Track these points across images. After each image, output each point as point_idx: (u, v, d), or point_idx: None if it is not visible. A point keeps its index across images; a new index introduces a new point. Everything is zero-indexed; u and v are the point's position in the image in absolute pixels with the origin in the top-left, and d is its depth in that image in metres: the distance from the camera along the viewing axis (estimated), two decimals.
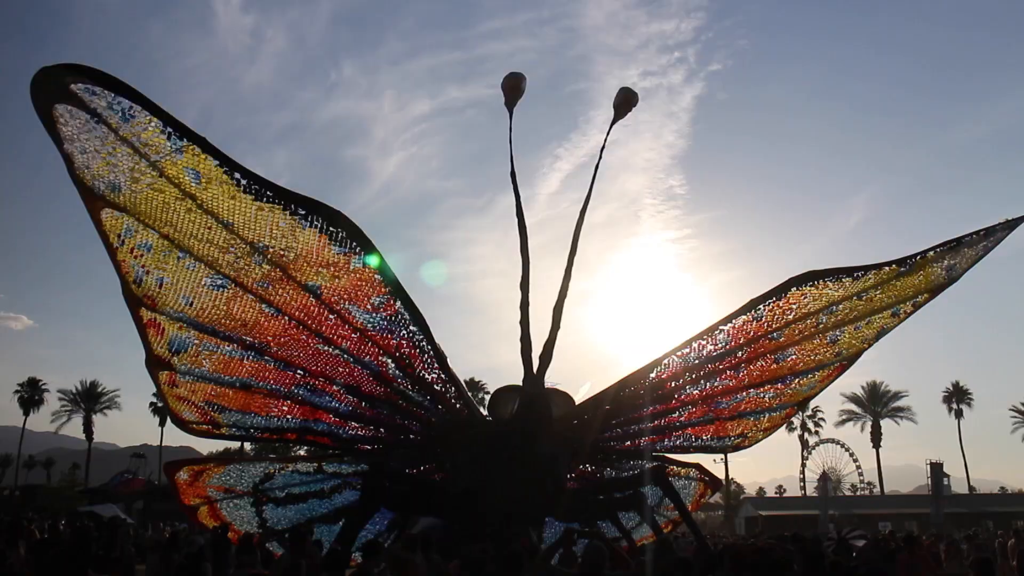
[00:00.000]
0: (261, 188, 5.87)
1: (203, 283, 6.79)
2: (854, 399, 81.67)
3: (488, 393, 8.86)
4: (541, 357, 7.41)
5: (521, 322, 7.29)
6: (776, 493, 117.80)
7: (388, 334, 7.19)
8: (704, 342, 7.52)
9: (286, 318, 7.04)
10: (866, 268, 7.13)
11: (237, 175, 5.74)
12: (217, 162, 5.69)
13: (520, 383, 7.69)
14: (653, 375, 7.72)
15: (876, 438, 79.01)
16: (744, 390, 8.39)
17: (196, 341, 7.28)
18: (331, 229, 6.33)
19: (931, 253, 7.28)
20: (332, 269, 6.64)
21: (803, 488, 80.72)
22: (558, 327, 7.30)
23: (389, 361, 7.44)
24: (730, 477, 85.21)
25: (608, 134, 7.69)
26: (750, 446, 9.38)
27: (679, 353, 7.63)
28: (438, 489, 8.84)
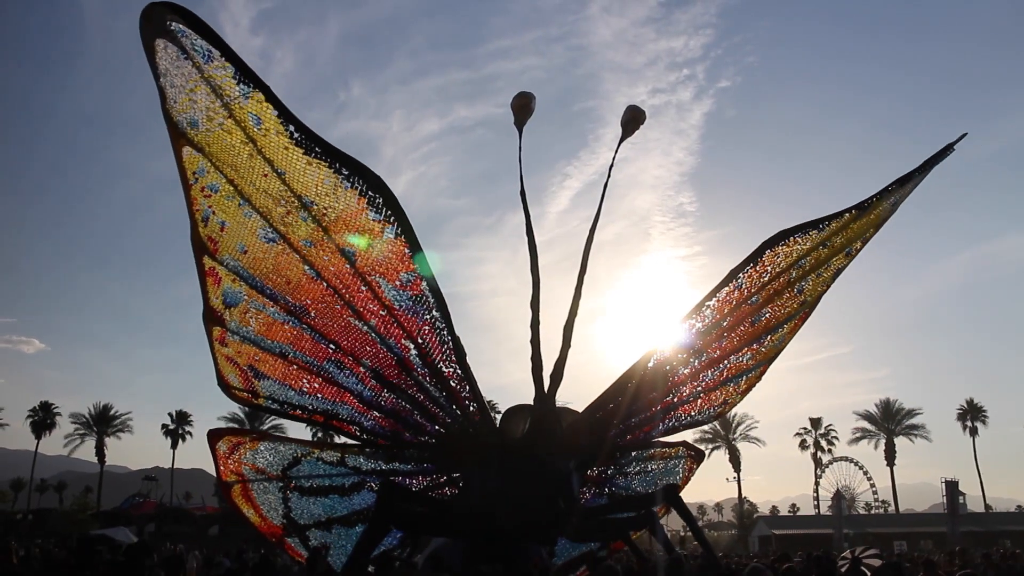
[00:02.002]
0: (311, 143, 6.09)
1: (257, 233, 6.89)
2: (867, 417, 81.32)
3: (499, 412, 8.84)
4: (552, 376, 7.39)
5: (532, 341, 7.28)
6: (790, 512, 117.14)
7: (413, 315, 7.21)
8: (693, 321, 7.58)
9: (324, 283, 7.13)
10: (829, 218, 7.38)
11: (291, 127, 6.00)
12: (276, 112, 5.95)
13: (531, 402, 7.66)
14: (651, 364, 7.74)
15: (890, 456, 78.53)
16: (726, 358, 8.46)
17: (246, 297, 7.42)
18: (370, 193, 6.46)
19: (886, 191, 7.54)
20: (368, 236, 6.73)
21: (817, 507, 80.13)
22: (569, 345, 7.29)
23: (411, 347, 7.44)
24: (743, 496, 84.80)
25: (616, 152, 7.70)
26: (731, 410, 9.46)
27: (673, 339, 7.68)
28: (450, 508, 8.79)
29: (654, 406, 8.57)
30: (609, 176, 7.65)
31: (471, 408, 7.91)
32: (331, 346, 7.67)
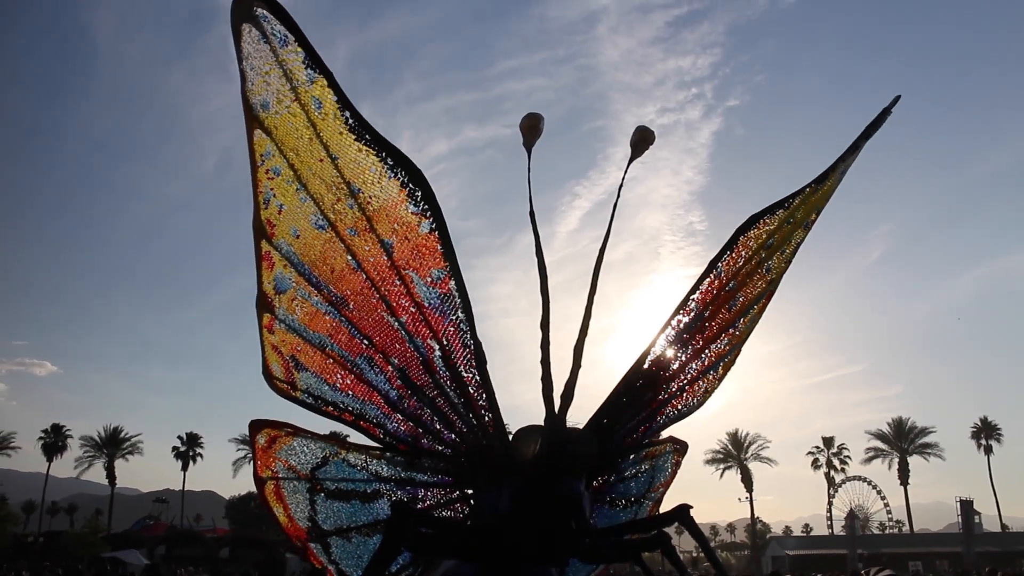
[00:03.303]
0: (362, 130, 6.31)
1: (309, 219, 7.06)
2: (880, 436, 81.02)
3: (510, 432, 8.77)
4: (562, 396, 7.37)
5: (542, 361, 7.27)
6: (803, 532, 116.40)
7: (440, 315, 7.20)
8: (681, 317, 7.61)
9: (363, 275, 7.15)
10: (793, 195, 7.42)
11: (347, 113, 6.21)
12: (336, 97, 6.17)
13: (541, 423, 7.67)
14: (647, 364, 7.75)
15: (904, 475, 78.17)
16: (708, 346, 8.48)
17: (294, 284, 7.47)
18: (411, 185, 6.55)
19: (838, 161, 7.61)
20: (405, 228, 6.81)
21: (830, 527, 79.76)
22: (579, 366, 7.28)
23: (436, 347, 7.44)
24: (755, 516, 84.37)
25: (626, 173, 7.72)
26: (709, 399, 9.43)
27: (664, 336, 7.68)
28: (461, 530, 8.77)
29: (651, 405, 8.61)
30: (618, 196, 7.67)
31: (486, 418, 7.92)
32: (365, 341, 7.69)
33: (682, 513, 8.96)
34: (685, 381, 8.87)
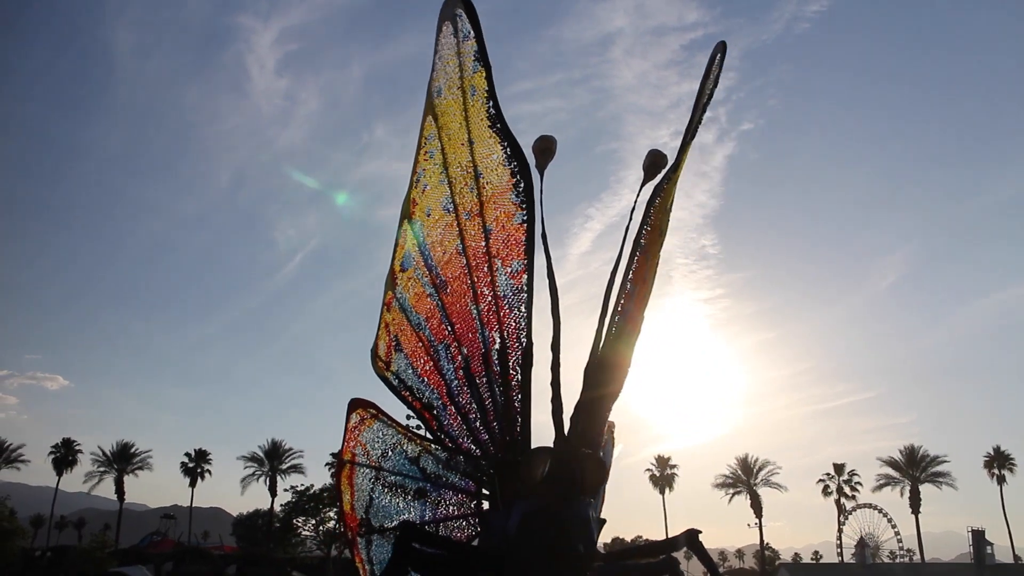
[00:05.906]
0: (496, 119, 6.54)
1: (441, 200, 7.25)
2: (892, 463, 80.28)
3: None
4: (572, 419, 7.39)
5: (552, 383, 7.29)
6: (812, 559, 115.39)
7: (509, 308, 7.22)
8: (623, 302, 7.57)
9: (464, 259, 7.25)
10: (679, 155, 7.50)
11: (490, 103, 6.45)
12: (487, 87, 6.41)
13: (551, 445, 7.65)
14: (601, 358, 7.72)
15: (915, 503, 77.39)
16: (632, 322, 8.42)
17: (414, 263, 7.63)
18: (518, 176, 6.66)
19: (701, 114, 7.63)
20: (505, 216, 6.92)
21: (840, 554, 78.90)
22: (589, 388, 7.29)
23: (497, 340, 7.46)
24: (765, 542, 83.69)
25: (638, 195, 7.77)
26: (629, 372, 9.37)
27: (613, 326, 7.63)
28: (469, 551, 8.74)
29: (606, 396, 8.56)
30: (631, 219, 7.71)
31: (517, 421, 7.87)
32: (448, 328, 7.70)
33: (691, 538, 8.91)
34: (617, 362, 8.85)
